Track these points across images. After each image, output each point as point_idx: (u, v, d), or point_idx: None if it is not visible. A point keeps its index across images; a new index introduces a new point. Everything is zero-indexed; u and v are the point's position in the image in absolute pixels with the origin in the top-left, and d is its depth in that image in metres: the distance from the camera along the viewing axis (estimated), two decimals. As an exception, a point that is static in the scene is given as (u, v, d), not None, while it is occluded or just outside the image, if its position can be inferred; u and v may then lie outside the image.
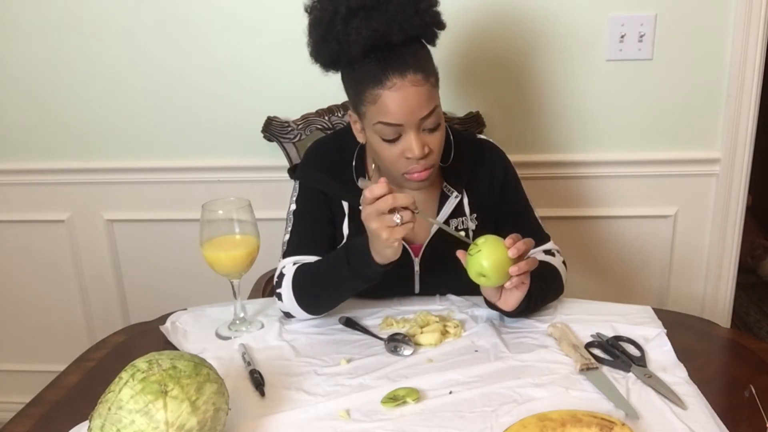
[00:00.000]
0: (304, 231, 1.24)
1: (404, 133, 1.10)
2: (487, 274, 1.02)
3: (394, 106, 1.08)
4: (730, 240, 1.76)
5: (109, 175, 1.85)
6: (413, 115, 1.08)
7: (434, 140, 1.13)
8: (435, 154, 1.14)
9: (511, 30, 1.65)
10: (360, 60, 1.09)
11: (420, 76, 1.08)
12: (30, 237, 1.95)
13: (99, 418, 0.78)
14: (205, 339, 1.15)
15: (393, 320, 1.18)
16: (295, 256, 1.21)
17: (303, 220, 1.25)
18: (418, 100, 1.08)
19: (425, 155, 1.11)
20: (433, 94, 1.11)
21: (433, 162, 1.14)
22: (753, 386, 0.92)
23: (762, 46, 1.60)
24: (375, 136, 1.13)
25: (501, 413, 0.90)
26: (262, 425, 0.90)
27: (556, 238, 1.34)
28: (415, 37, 1.11)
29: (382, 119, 1.09)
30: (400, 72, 1.07)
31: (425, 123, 1.10)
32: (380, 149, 1.14)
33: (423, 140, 1.11)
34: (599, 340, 1.08)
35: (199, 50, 1.71)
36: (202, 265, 1.16)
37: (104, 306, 1.99)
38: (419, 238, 1.25)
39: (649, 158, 1.72)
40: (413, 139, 1.10)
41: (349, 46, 1.07)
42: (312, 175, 1.27)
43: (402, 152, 1.11)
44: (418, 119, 1.09)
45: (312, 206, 1.25)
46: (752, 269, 2.95)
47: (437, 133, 1.13)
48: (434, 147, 1.13)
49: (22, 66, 1.77)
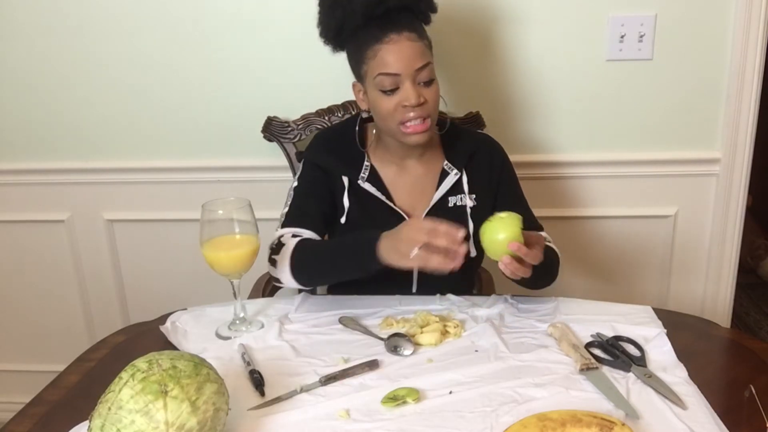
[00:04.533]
0: (303, 205, 1.32)
1: (401, 84, 1.21)
2: (486, 246, 1.09)
3: (392, 57, 1.20)
4: (730, 240, 1.76)
5: (109, 175, 1.85)
6: (410, 66, 1.20)
7: (430, 92, 1.23)
8: (431, 106, 1.23)
9: (512, 30, 1.65)
10: (362, 27, 1.22)
11: (414, 35, 1.22)
12: (30, 237, 1.95)
13: (99, 418, 0.78)
14: (205, 339, 1.15)
15: (393, 320, 1.18)
16: (293, 228, 1.28)
17: (303, 195, 1.33)
18: (413, 52, 1.20)
19: (421, 104, 1.21)
20: (426, 53, 1.23)
21: (429, 112, 1.23)
22: (753, 386, 0.92)
23: (762, 46, 1.60)
24: (375, 92, 1.24)
25: (501, 413, 0.90)
26: (262, 425, 0.90)
27: (556, 239, 1.34)
28: (409, 6, 1.24)
29: (381, 70, 1.21)
30: (397, 30, 1.20)
31: (420, 75, 1.21)
32: (379, 102, 1.23)
33: (419, 90, 1.21)
34: (599, 340, 1.08)
35: (199, 50, 1.71)
36: (202, 265, 1.16)
37: (104, 306, 1.99)
38: (416, 211, 1.31)
39: (649, 158, 1.72)
40: (410, 88, 1.20)
41: (353, 12, 1.21)
42: (315, 154, 1.36)
43: (399, 102, 1.21)
44: (413, 70, 1.20)
45: (312, 185, 1.33)
46: (752, 269, 2.96)
47: (432, 88, 1.24)
48: (430, 98, 1.23)
49: (22, 66, 1.77)
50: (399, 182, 1.34)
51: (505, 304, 1.22)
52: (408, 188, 1.34)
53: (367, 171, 1.32)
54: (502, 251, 1.07)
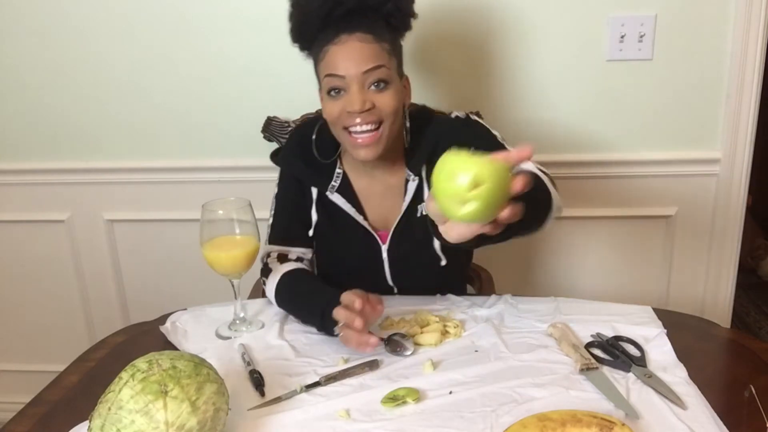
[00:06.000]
0: (283, 220, 1.30)
1: (348, 88, 1.14)
2: (444, 207, 0.75)
3: (339, 58, 1.13)
4: (730, 240, 1.76)
5: (109, 175, 1.85)
6: (356, 68, 1.12)
7: (381, 99, 1.14)
8: (380, 114, 1.14)
9: (512, 30, 1.65)
10: (321, 29, 1.15)
11: (369, 36, 1.13)
12: (30, 237, 1.95)
13: (99, 418, 0.78)
14: (205, 339, 1.15)
15: (393, 320, 1.18)
16: (278, 246, 1.29)
17: (282, 209, 1.31)
18: (361, 54, 1.12)
19: (366, 110, 1.13)
20: (381, 55, 1.14)
21: (376, 119, 1.14)
22: (753, 386, 0.92)
23: (762, 46, 1.60)
24: (324, 95, 1.17)
25: (501, 413, 0.90)
26: (262, 425, 0.90)
27: (556, 239, 1.34)
28: (375, 7, 1.16)
29: (328, 71, 1.14)
30: (349, 31, 1.13)
31: (369, 78, 1.13)
32: (326, 106, 1.17)
33: (366, 96, 1.13)
34: (599, 340, 1.08)
35: (199, 50, 1.71)
36: (202, 265, 1.16)
37: (104, 306, 1.99)
38: (387, 224, 1.27)
39: (649, 158, 1.72)
40: (355, 92, 1.13)
41: (309, 14, 1.15)
42: (286, 160, 1.31)
43: (344, 107, 1.14)
44: (360, 72, 1.12)
45: (288, 196, 1.30)
46: (752, 269, 2.96)
47: (386, 94, 1.14)
48: (381, 105, 1.14)
49: (22, 66, 1.77)
50: (371, 193, 1.28)
51: (505, 304, 1.22)
52: (379, 199, 1.28)
53: (339, 179, 1.26)
54: (461, 199, 0.72)
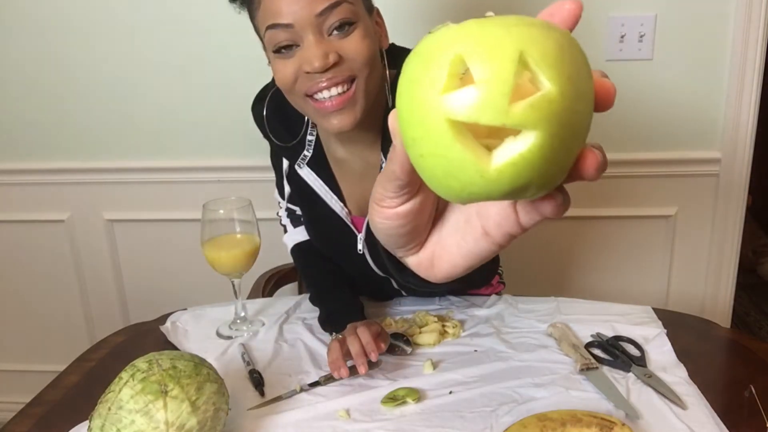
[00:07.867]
0: (278, 179, 1.21)
1: (301, 40, 0.86)
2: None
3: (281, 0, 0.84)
4: (730, 240, 1.76)
5: (109, 175, 1.85)
6: (306, 9, 0.83)
7: (349, 46, 0.86)
8: (351, 67, 0.87)
9: (511, 30, 1.65)
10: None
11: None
12: (30, 237, 1.95)
13: (99, 418, 0.78)
14: (205, 339, 1.15)
15: (392, 320, 1.18)
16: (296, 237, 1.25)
17: (279, 187, 1.23)
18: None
19: (331, 66, 0.85)
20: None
21: (347, 75, 0.86)
22: (753, 386, 0.92)
23: (762, 46, 1.59)
24: (270, 55, 0.90)
25: (501, 413, 0.90)
26: (262, 425, 0.90)
27: (556, 239, 1.34)
28: None
29: (268, 21, 0.86)
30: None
31: (327, 21, 0.85)
32: (276, 69, 0.90)
33: (328, 46, 0.85)
34: (599, 340, 1.08)
35: (199, 50, 1.71)
36: (202, 265, 1.16)
37: (104, 306, 1.99)
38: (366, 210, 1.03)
39: (649, 158, 1.72)
40: (312, 44, 0.84)
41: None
42: (257, 120, 1.13)
43: (299, 66, 0.87)
44: (313, 15, 0.84)
45: (272, 157, 1.21)
46: (752, 269, 2.95)
47: (353, 38, 0.86)
48: (349, 55, 0.86)
49: (22, 65, 1.77)
50: (347, 168, 1.03)
51: (504, 304, 1.22)
52: (358, 177, 1.03)
53: (311, 148, 1.02)
54: (494, 118, 0.33)
